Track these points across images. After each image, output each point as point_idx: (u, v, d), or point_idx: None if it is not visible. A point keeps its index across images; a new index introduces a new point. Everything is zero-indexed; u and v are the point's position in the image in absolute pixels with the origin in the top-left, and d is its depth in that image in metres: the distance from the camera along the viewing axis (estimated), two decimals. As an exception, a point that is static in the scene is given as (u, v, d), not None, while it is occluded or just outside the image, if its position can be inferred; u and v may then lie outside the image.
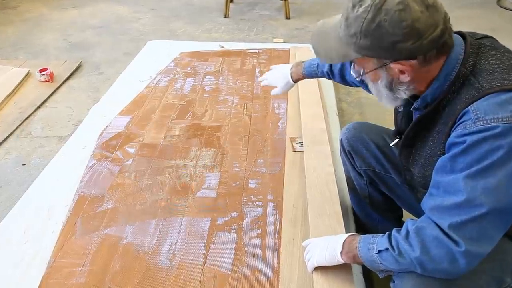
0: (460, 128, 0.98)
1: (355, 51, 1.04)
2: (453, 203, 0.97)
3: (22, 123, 2.72)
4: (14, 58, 3.71)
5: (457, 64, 1.03)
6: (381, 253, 1.08)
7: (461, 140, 0.97)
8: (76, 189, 1.88)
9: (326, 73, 1.61)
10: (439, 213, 1.00)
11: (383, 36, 0.96)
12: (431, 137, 1.11)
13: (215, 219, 1.70)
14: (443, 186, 1.01)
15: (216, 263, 1.52)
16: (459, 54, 1.04)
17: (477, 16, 4.43)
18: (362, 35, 0.99)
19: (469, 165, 0.95)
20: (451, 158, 0.99)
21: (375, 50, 1.01)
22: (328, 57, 1.14)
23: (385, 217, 1.70)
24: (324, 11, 4.78)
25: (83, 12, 4.86)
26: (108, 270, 1.49)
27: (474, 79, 1.01)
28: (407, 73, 1.03)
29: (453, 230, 0.96)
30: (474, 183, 0.95)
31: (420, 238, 1.01)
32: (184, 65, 3.08)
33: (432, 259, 0.99)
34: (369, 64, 1.07)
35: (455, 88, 1.03)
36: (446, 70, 1.04)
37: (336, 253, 1.19)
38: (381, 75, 1.07)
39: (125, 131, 2.29)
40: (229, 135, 2.24)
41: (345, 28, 1.03)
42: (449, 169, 1.00)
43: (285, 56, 3.15)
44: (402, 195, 1.53)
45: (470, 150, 0.95)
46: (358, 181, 1.66)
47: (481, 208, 0.94)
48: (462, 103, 1.00)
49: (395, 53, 0.99)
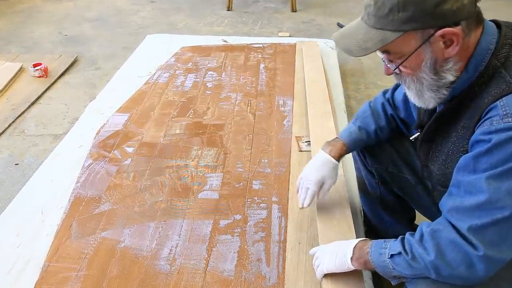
0: (486, 125, 0.97)
1: (394, 30, 1.01)
2: (474, 204, 0.96)
3: (15, 121, 2.74)
4: (6, 52, 3.73)
5: (488, 55, 1.02)
6: (393, 257, 1.08)
7: (487, 138, 0.96)
8: (72, 190, 1.89)
9: (374, 132, 1.48)
10: (458, 214, 0.99)
11: (424, 0, 0.95)
12: (455, 132, 1.10)
13: (217, 222, 1.71)
14: (464, 185, 1.00)
15: (219, 268, 1.52)
16: (490, 44, 1.02)
17: (495, 8, 4.42)
18: (401, 7, 0.97)
19: (493, 165, 0.94)
20: (474, 157, 0.98)
21: (419, 19, 0.98)
22: (363, 48, 1.06)
23: (396, 219, 1.70)
24: (331, 3, 4.79)
25: (78, 3, 4.88)
26: (105, 275, 1.49)
27: (506, 72, 0.99)
28: (456, 40, 0.99)
29: (473, 233, 0.96)
30: (498, 184, 0.94)
31: (435, 241, 1.00)
32: (185, 60, 3.09)
33: (448, 264, 0.99)
34: (410, 44, 1.03)
35: (484, 80, 1.02)
36: (476, 60, 1.02)
37: (346, 259, 1.19)
38: (424, 56, 1.03)
39: (123, 129, 2.30)
40: (232, 134, 2.24)
41: (376, 11, 1.01)
42: (472, 168, 0.99)
43: (291, 51, 3.15)
44: (415, 196, 1.53)
45: (495, 150, 0.94)
46: (369, 180, 1.66)
47: (503, 211, 0.93)
48: (490, 97, 0.99)
49: (440, 18, 0.97)
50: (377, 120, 1.49)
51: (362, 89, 3.14)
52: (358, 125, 1.50)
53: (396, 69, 1.10)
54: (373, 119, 1.49)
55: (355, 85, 3.21)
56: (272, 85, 2.71)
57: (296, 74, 2.81)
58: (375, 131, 1.49)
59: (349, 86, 3.16)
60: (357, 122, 1.52)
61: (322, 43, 3.28)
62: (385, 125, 1.48)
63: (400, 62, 1.08)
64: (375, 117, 1.49)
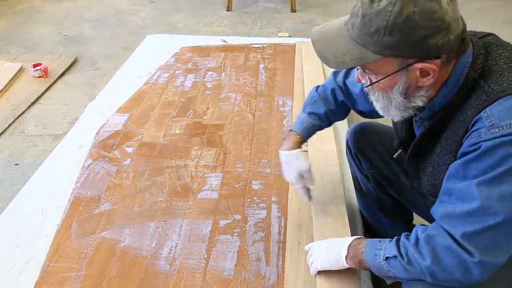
0: (474, 137, 0.97)
1: (375, 52, 0.97)
2: (466, 211, 0.96)
3: (15, 121, 2.74)
4: (6, 52, 3.73)
5: (466, 68, 1.01)
6: (388, 260, 1.08)
7: (476, 147, 0.96)
8: (72, 190, 1.89)
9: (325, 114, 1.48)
10: (451, 221, 0.99)
11: (413, 31, 0.91)
12: (439, 144, 1.10)
13: (217, 222, 1.71)
14: (455, 193, 1.00)
15: (218, 267, 1.52)
16: (468, 57, 1.02)
17: (493, 8, 4.43)
18: (387, 31, 0.93)
19: (483, 171, 0.94)
20: (464, 164, 0.98)
21: (401, 48, 0.95)
22: (339, 61, 1.03)
23: (394, 220, 1.70)
24: (331, 3, 4.79)
25: (78, 4, 4.89)
26: (105, 275, 1.50)
27: (484, 82, 0.99)
28: (432, 74, 0.99)
29: (467, 240, 0.96)
30: (489, 190, 0.93)
31: (430, 247, 1.00)
32: (184, 60, 3.09)
33: (444, 269, 0.99)
34: (387, 67, 1.01)
35: (464, 93, 1.02)
36: (455, 74, 1.02)
37: (341, 257, 1.19)
38: (398, 80, 1.02)
39: (123, 129, 2.30)
40: (231, 134, 2.25)
41: (362, 26, 0.97)
42: (462, 175, 0.99)
43: (290, 51, 3.15)
44: (412, 199, 1.53)
45: (484, 156, 0.94)
46: (365, 184, 1.66)
47: (496, 217, 0.93)
48: (473, 109, 0.99)
49: (423, 50, 0.95)
50: (327, 105, 1.48)
51: (361, 89, 3.14)
52: (307, 112, 1.49)
53: (369, 85, 1.09)
54: (322, 103, 1.48)
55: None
56: (271, 85, 2.72)
57: (295, 74, 2.81)
58: (325, 114, 1.48)
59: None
60: (306, 109, 1.51)
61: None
62: (335, 109, 1.48)
63: (373, 80, 1.06)
64: (324, 101, 1.48)
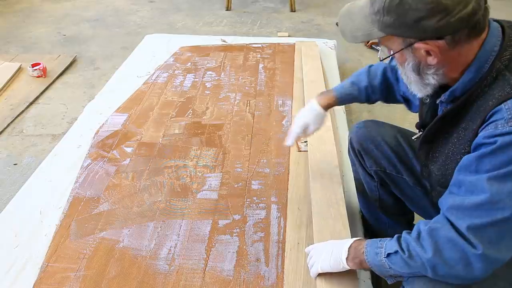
0: (490, 128, 0.97)
1: (379, 30, 1.04)
2: (474, 203, 0.96)
3: (14, 121, 2.74)
4: (5, 52, 3.73)
5: (491, 56, 1.01)
6: (390, 256, 1.08)
7: (491, 140, 0.96)
8: (71, 190, 1.89)
9: (365, 88, 1.53)
10: (458, 213, 0.99)
11: (407, 12, 0.96)
12: (456, 133, 1.10)
13: (216, 222, 1.71)
14: (466, 185, 1.00)
15: (217, 268, 1.53)
16: (495, 46, 1.02)
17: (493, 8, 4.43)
18: (386, 12, 0.99)
19: (497, 167, 0.95)
20: (477, 158, 0.98)
21: (399, 28, 1.00)
22: (353, 36, 1.12)
23: (395, 220, 1.70)
24: (331, 3, 4.79)
25: (77, 3, 4.88)
26: (104, 275, 1.50)
27: (510, 74, 0.99)
28: (434, 54, 1.02)
29: (472, 232, 0.96)
30: (501, 185, 0.94)
31: (433, 240, 1.01)
32: (184, 60, 3.09)
33: (445, 262, 0.99)
34: (394, 45, 1.07)
35: (487, 82, 1.02)
36: (479, 62, 1.02)
37: (342, 259, 1.20)
38: (407, 57, 1.07)
39: (122, 129, 2.30)
40: (231, 134, 2.25)
41: (370, 5, 1.04)
42: (474, 168, 0.99)
43: (290, 51, 3.15)
44: (414, 198, 1.53)
45: (499, 152, 0.94)
46: (368, 182, 1.66)
47: (504, 212, 0.94)
48: (494, 100, 0.99)
49: (419, 31, 0.98)
50: (371, 79, 1.53)
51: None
52: (351, 81, 1.57)
53: (385, 59, 1.16)
54: (366, 77, 1.54)
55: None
56: (271, 85, 2.72)
57: (295, 74, 2.81)
58: (365, 88, 1.53)
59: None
60: (351, 78, 1.58)
61: (321, 43, 3.29)
62: (377, 85, 1.52)
63: (388, 55, 1.13)
64: (370, 76, 1.53)
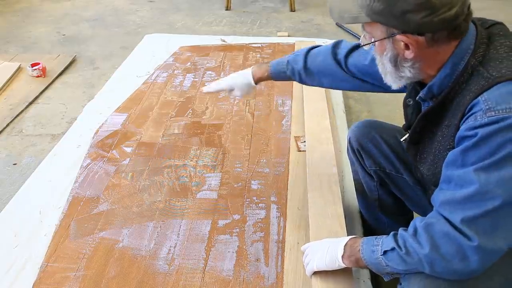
0: (470, 120, 0.99)
1: (366, 15, 1.05)
2: (465, 196, 0.98)
3: (13, 120, 2.73)
4: (4, 51, 3.72)
5: (467, 54, 1.04)
6: (386, 254, 1.08)
7: (472, 133, 0.97)
8: (70, 190, 1.89)
9: (298, 72, 1.55)
10: (450, 207, 1.00)
11: (396, 3, 0.98)
12: (440, 131, 1.12)
13: (216, 222, 1.71)
14: (454, 179, 1.01)
15: (217, 267, 1.53)
16: (470, 44, 1.05)
17: (493, 8, 4.43)
18: None
19: (481, 158, 0.96)
20: (462, 152, 1.00)
21: (386, 16, 1.02)
22: (341, 16, 1.15)
23: (394, 220, 1.70)
24: (331, 3, 4.78)
25: (76, 3, 4.88)
26: (104, 275, 1.50)
27: (483, 69, 1.02)
28: (412, 48, 1.04)
29: (466, 225, 0.97)
30: (488, 175, 0.95)
31: (429, 235, 1.01)
32: (183, 60, 3.09)
33: (442, 257, 0.99)
34: (377, 32, 1.09)
35: (464, 79, 1.04)
36: (455, 59, 1.05)
37: (337, 257, 1.20)
38: (386, 47, 1.09)
39: (122, 129, 2.30)
40: (230, 134, 2.25)
41: None
42: (460, 163, 1.00)
43: (289, 51, 3.15)
44: (414, 197, 1.54)
45: (482, 144, 0.96)
46: (367, 182, 1.66)
47: (494, 201, 0.95)
48: (471, 94, 1.01)
49: (403, 23, 1.01)
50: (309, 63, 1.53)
51: (361, 89, 3.14)
52: (288, 59, 1.58)
53: (365, 45, 1.17)
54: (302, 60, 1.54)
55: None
56: (270, 85, 2.71)
57: (294, 74, 2.80)
58: (298, 72, 1.55)
59: (348, 86, 3.15)
60: (291, 55, 1.59)
61: (321, 43, 3.28)
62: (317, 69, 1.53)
63: (369, 41, 1.14)
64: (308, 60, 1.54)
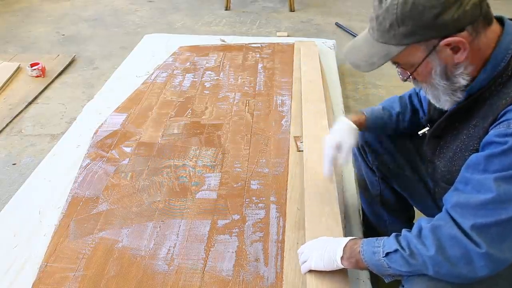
0: (502, 127, 0.97)
1: (396, 44, 1.02)
2: (480, 202, 0.96)
3: (12, 120, 2.74)
4: (3, 51, 3.73)
5: (508, 54, 1.01)
6: (389, 255, 1.07)
7: (502, 140, 0.95)
8: (69, 190, 1.89)
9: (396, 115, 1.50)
10: (463, 211, 0.99)
11: (422, 13, 0.95)
12: (465, 130, 1.10)
13: (215, 222, 1.71)
14: (473, 183, 0.99)
15: (217, 267, 1.53)
16: (510, 44, 1.02)
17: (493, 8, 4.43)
18: (400, 22, 0.98)
19: (505, 168, 0.94)
20: (487, 157, 0.98)
21: (419, 33, 0.99)
22: (369, 63, 1.09)
23: (395, 217, 1.70)
24: (330, 3, 4.79)
25: (75, 3, 4.88)
26: (103, 275, 1.50)
27: None
28: (462, 47, 1.00)
29: (476, 231, 0.95)
30: (508, 186, 0.94)
31: (436, 237, 1.00)
32: (183, 60, 3.09)
33: (447, 260, 0.98)
34: (416, 56, 1.04)
35: (502, 81, 1.01)
36: (495, 60, 1.02)
37: (336, 258, 1.19)
38: (433, 64, 1.04)
39: (121, 129, 2.30)
40: (230, 134, 2.25)
41: (378, 26, 1.03)
42: (483, 168, 0.98)
43: (289, 51, 3.15)
44: (416, 194, 1.54)
45: (509, 153, 0.94)
46: (370, 178, 1.66)
47: (508, 212, 0.93)
48: (507, 98, 0.98)
49: (440, 28, 0.97)
50: (403, 107, 1.50)
51: (360, 89, 3.14)
52: (382, 106, 1.54)
53: (409, 78, 1.12)
54: (399, 104, 1.51)
55: (353, 85, 3.22)
56: (270, 85, 2.72)
57: (294, 73, 2.81)
58: (397, 114, 1.50)
59: (348, 86, 3.16)
60: (381, 104, 1.56)
61: (320, 43, 3.29)
62: (407, 112, 1.49)
63: (411, 72, 1.09)
64: (402, 103, 1.51)
